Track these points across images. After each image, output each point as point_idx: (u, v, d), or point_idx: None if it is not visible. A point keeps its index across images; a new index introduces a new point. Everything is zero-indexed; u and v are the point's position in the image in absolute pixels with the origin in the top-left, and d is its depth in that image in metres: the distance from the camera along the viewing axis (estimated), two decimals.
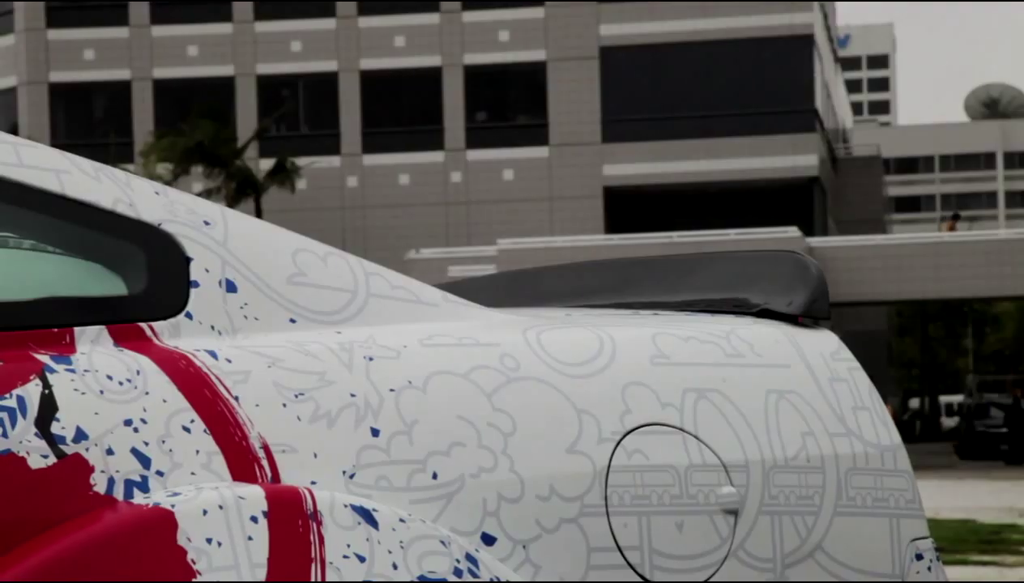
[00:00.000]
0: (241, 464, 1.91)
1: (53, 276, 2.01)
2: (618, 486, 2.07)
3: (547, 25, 46.26)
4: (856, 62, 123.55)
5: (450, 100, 46.85)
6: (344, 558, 1.87)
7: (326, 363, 2.02)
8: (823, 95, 49.33)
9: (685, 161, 45.65)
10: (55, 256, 2.02)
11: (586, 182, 46.03)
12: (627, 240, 39.92)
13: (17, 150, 2.01)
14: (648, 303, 2.51)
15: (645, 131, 45.76)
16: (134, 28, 47.19)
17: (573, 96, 46.17)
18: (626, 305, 2.52)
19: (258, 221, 2.15)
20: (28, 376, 1.86)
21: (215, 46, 47.23)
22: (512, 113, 47.39)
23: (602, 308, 2.51)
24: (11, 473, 1.80)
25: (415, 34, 46.72)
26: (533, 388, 2.09)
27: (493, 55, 46.63)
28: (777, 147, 45.35)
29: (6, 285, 1.96)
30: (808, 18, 45.84)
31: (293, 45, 47.14)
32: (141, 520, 1.81)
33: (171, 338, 1.99)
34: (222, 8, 47.17)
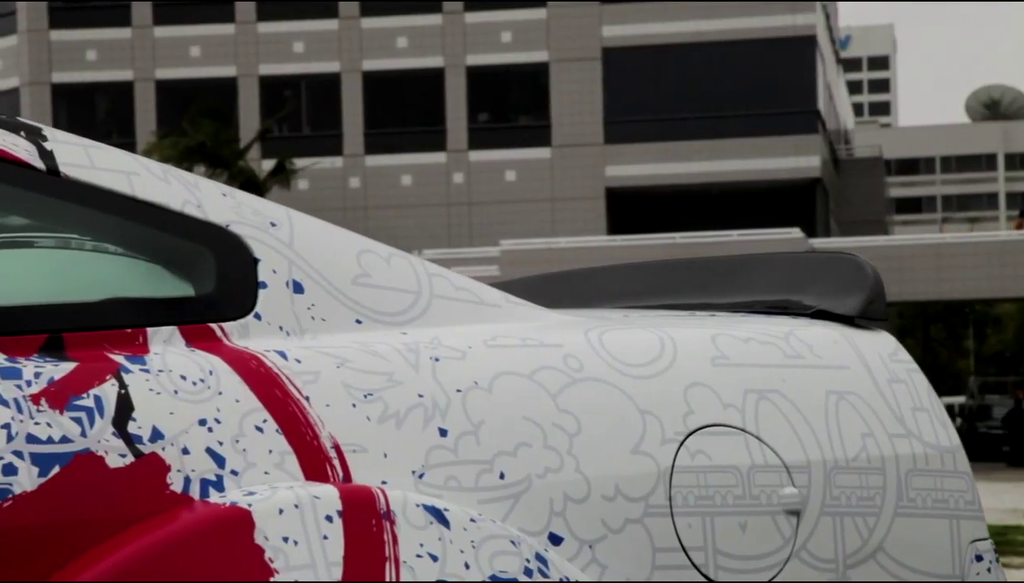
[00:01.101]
0: (313, 464, 1.92)
1: (124, 277, 2.03)
2: (682, 486, 2.09)
3: (549, 26, 46.27)
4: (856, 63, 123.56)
5: (452, 101, 46.86)
6: (417, 557, 1.89)
7: (393, 364, 2.03)
8: (825, 96, 49.34)
9: (687, 162, 45.66)
10: (125, 257, 2.04)
11: (588, 183, 46.04)
12: (629, 241, 39.92)
13: (88, 152, 2.02)
14: (700, 304, 2.52)
15: (647, 132, 45.77)
16: (136, 29, 47.19)
17: (575, 97, 46.18)
18: (678, 306, 2.53)
19: (322, 222, 2.17)
20: (104, 376, 1.88)
21: (217, 47, 47.24)
22: (514, 114, 47.40)
23: (655, 309, 2.52)
24: (90, 472, 1.81)
25: (417, 35, 46.73)
26: (596, 389, 2.10)
27: (495, 56, 46.64)
28: (779, 148, 45.36)
29: (79, 286, 1.98)
30: (810, 19, 45.86)
31: (295, 46, 47.15)
32: (219, 519, 1.83)
33: (241, 339, 2.00)
34: (224, 9, 47.17)
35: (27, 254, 2.01)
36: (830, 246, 39.99)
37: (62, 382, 1.85)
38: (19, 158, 1.96)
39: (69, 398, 1.84)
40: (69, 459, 1.81)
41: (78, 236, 2.02)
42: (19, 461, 1.78)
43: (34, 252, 2.01)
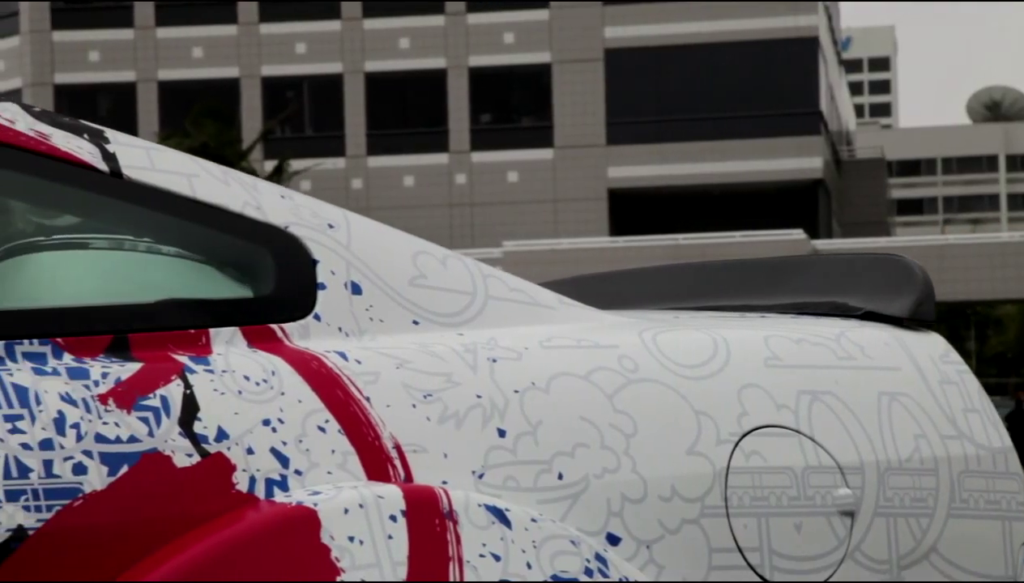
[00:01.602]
0: (375, 464, 1.94)
1: (185, 278, 2.04)
2: (737, 487, 2.10)
3: (552, 27, 46.30)
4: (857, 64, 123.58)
5: (455, 102, 46.89)
6: (480, 557, 1.90)
7: (452, 364, 2.04)
8: (827, 97, 49.37)
9: (690, 163, 45.69)
10: (186, 259, 2.05)
11: (591, 184, 46.07)
12: (632, 242, 39.94)
13: (149, 154, 2.04)
14: (745, 306, 2.53)
15: (650, 133, 45.80)
16: (139, 30, 47.22)
17: (578, 98, 46.21)
18: (723, 308, 2.55)
19: (379, 224, 2.18)
20: (170, 376, 1.89)
21: (220, 47, 47.27)
22: (517, 115, 47.43)
23: (700, 311, 2.53)
24: (158, 471, 1.83)
25: (420, 36, 46.76)
26: (652, 390, 2.11)
27: (498, 57, 46.66)
28: (782, 149, 45.39)
29: (142, 287, 2.00)
30: (813, 20, 45.88)
31: (298, 47, 47.18)
32: (286, 518, 1.84)
33: (301, 339, 2.02)
34: (227, 10, 47.21)
35: (90, 255, 2.03)
36: (832, 247, 40.01)
37: (129, 382, 1.87)
38: (83, 161, 1.98)
39: (136, 398, 1.86)
40: (137, 458, 1.82)
41: (139, 238, 2.03)
42: (89, 460, 1.80)
43: (97, 254, 2.03)
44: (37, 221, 2.04)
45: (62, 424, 1.81)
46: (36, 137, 1.96)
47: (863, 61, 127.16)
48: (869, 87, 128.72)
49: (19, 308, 1.92)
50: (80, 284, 2.00)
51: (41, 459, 1.78)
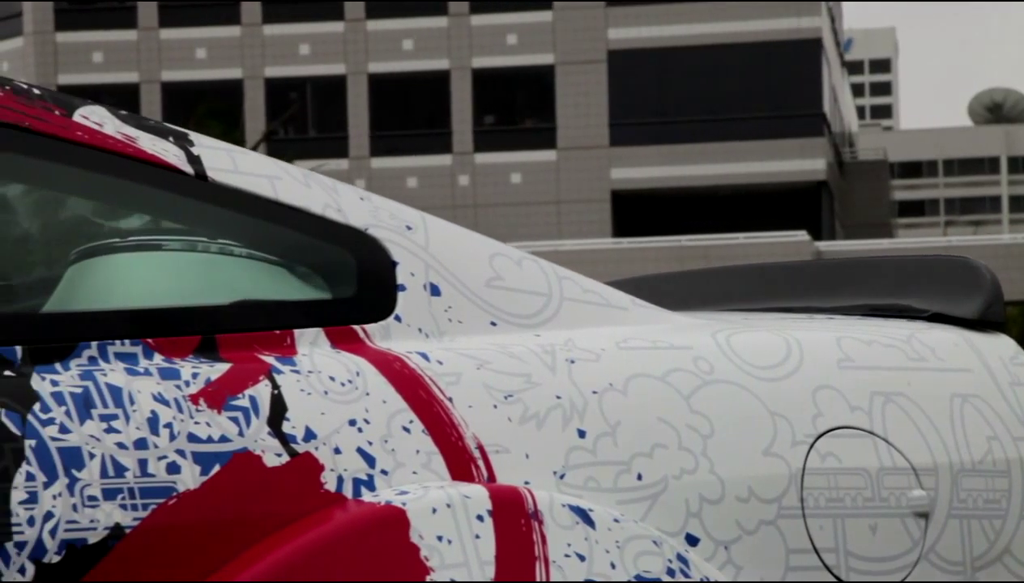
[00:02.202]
0: (459, 464, 1.95)
1: (268, 280, 2.06)
2: (813, 489, 2.11)
3: (555, 28, 46.33)
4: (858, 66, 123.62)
5: (458, 103, 46.92)
6: (565, 557, 1.92)
7: (531, 365, 2.06)
8: (830, 99, 49.40)
9: (693, 165, 45.73)
10: (268, 260, 2.07)
11: (594, 185, 46.10)
12: (635, 244, 39.99)
13: (232, 156, 2.05)
14: (807, 308, 2.55)
15: (653, 134, 45.84)
16: (142, 31, 47.25)
17: (581, 99, 46.25)
18: (785, 309, 2.56)
19: (455, 226, 2.19)
20: (258, 377, 1.91)
21: (223, 49, 47.30)
22: (520, 116, 47.47)
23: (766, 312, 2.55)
24: (248, 470, 1.85)
25: (423, 37, 46.79)
26: (727, 391, 2.12)
27: (501, 58, 46.70)
28: (785, 151, 45.42)
29: (227, 289, 2.01)
30: (816, 22, 45.92)
31: (301, 48, 47.22)
32: (376, 518, 1.86)
33: (383, 340, 2.03)
34: (230, 11, 47.24)
35: (176, 257, 2.04)
36: (836, 249, 40.02)
37: (218, 383, 1.89)
38: (169, 163, 2.00)
39: (226, 398, 1.88)
40: (228, 458, 1.84)
41: (223, 239, 2.05)
42: (182, 460, 1.82)
43: (182, 255, 2.04)
44: (124, 223, 2.06)
45: (155, 424, 1.83)
46: (123, 140, 1.98)
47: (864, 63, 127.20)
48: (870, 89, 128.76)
49: (111, 309, 1.93)
50: (167, 285, 2.02)
51: (136, 458, 1.80)
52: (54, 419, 1.79)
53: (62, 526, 1.75)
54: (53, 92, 1.99)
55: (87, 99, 2.01)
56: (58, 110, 1.96)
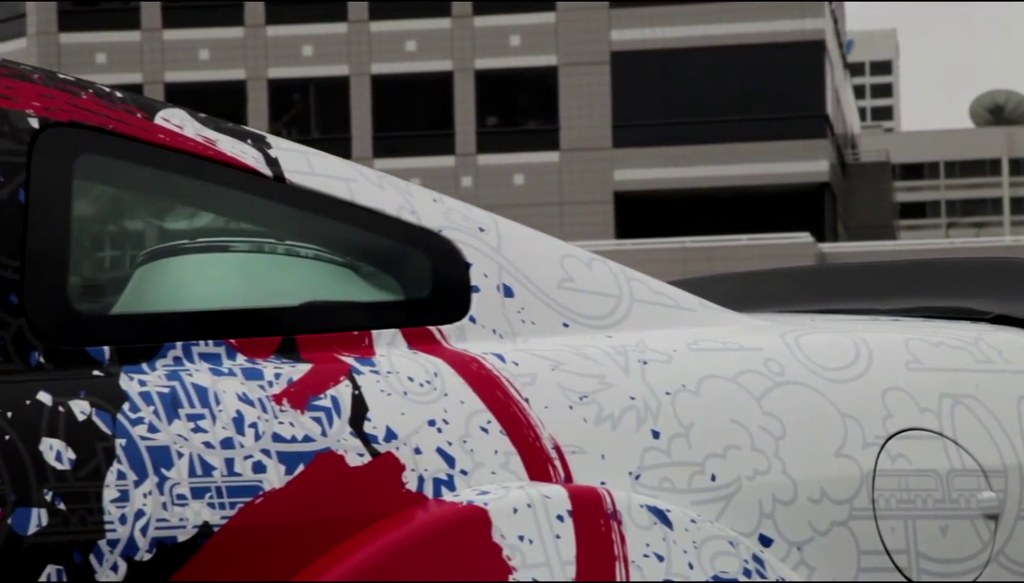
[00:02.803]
0: (536, 464, 1.97)
1: (345, 281, 2.07)
2: (884, 490, 2.13)
3: (558, 30, 46.33)
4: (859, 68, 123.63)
5: (461, 105, 46.91)
6: (644, 557, 1.93)
7: (605, 366, 2.07)
8: (833, 100, 49.41)
9: (696, 166, 45.72)
10: (344, 261, 2.08)
11: (597, 187, 46.09)
12: (638, 245, 39.99)
13: (308, 159, 2.07)
14: (866, 309, 2.56)
15: (656, 136, 45.83)
16: (146, 32, 47.25)
17: (584, 101, 46.24)
18: (845, 311, 2.58)
19: (526, 227, 2.21)
20: (338, 377, 1.93)
21: (227, 49, 47.30)
22: (523, 118, 47.46)
23: (826, 314, 2.56)
24: (332, 470, 1.87)
25: (426, 38, 46.78)
26: (798, 392, 2.14)
27: (504, 60, 46.69)
28: (788, 152, 45.42)
29: (305, 290, 2.03)
30: (819, 24, 45.92)
31: (304, 49, 47.21)
32: (459, 517, 1.87)
33: (458, 341, 2.05)
34: (233, 12, 47.24)
35: (254, 259, 2.06)
36: (839, 251, 40.05)
37: (300, 383, 1.91)
38: (248, 165, 2.01)
39: (308, 398, 1.89)
40: (312, 458, 1.86)
41: (301, 241, 2.07)
42: (267, 459, 1.84)
43: (261, 257, 2.06)
44: (203, 224, 2.07)
45: (241, 423, 1.85)
46: (204, 143, 2.00)
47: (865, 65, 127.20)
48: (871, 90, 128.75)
49: (195, 310, 1.95)
50: (247, 286, 2.04)
51: (223, 457, 1.82)
52: (143, 418, 1.81)
53: (153, 524, 1.77)
54: (135, 95, 2.01)
55: (168, 102, 2.02)
56: (140, 113, 1.98)
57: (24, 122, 1.89)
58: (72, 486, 1.75)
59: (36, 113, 1.91)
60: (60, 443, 1.76)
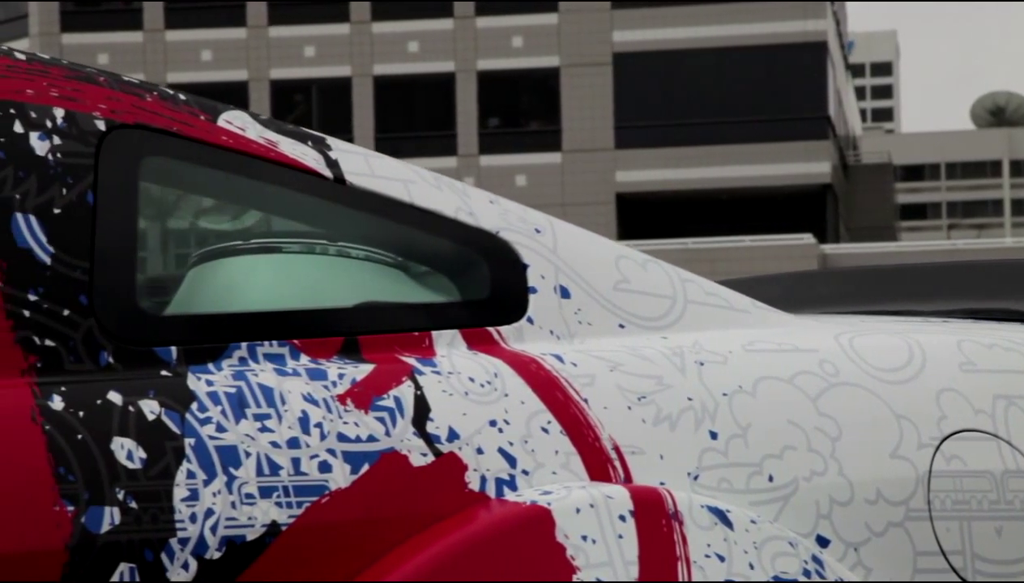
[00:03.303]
0: (596, 465, 1.98)
1: (405, 282, 2.09)
2: (940, 491, 2.14)
3: (561, 31, 46.34)
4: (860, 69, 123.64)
5: (463, 106, 46.92)
6: (706, 557, 1.94)
7: (662, 367, 2.09)
8: (835, 102, 49.42)
9: (698, 167, 45.73)
10: (403, 262, 2.10)
11: (599, 188, 46.10)
12: (641, 246, 39.98)
13: (368, 160, 2.08)
14: (914, 311, 2.58)
15: (658, 137, 45.84)
16: (148, 32, 47.27)
17: (586, 102, 46.25)
18: (889, 312, 2.59)
19: (581, 229, 2.22)
20: (401, 378, 1.94)
21: (229, 50, 47.32)
22: (525, 119, 47.47)
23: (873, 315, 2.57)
24: (396, 470, 1.88)
25: (429, 40, 46.79)
26: (853, 393, 2.15)
27: (507, 61, 46.70)
28: (791, 154, 45.43)
29: (365, 290, 2.04)
30: (822, 25, 45.94)
31: (306, 50, 47.23)
32: (523, 517, 1.88)
33: (516, 342, 2.06)
34: (236, 13, 47.25)
35: (316, 260, 2.07)
36: (842, 252, 40.07)
37: (364, 383, 1.92)
38: (309, 167, 2.02)
39: (372, 399, 1.90)
40: (376, 458, 1.87)
41: (361, 242, 2.08)
42: (333, 459, 1.85)
43: (322, 258, 2.07)
44: (264, 225, 2.09)
45: (306, 423, 1.86)
46: (266, 144, 2.01)
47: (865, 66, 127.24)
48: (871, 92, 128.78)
49: (259, 311, 1.96)
50: (308, 287, 2.05)
51: (289, 457, 1.83)
52: (211, 418, 1.82)
53: (222, 523, 1.78)
54: (198, 97, 2.02)
55: (229, 104, 2.04)
56: (203, 115, 1.99)
57: (91, 124, 1.91)
58: (143, 485, 1.76)
59: (103, 115, 1.92)
60: (131, 442, 1.78)
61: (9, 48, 1.93)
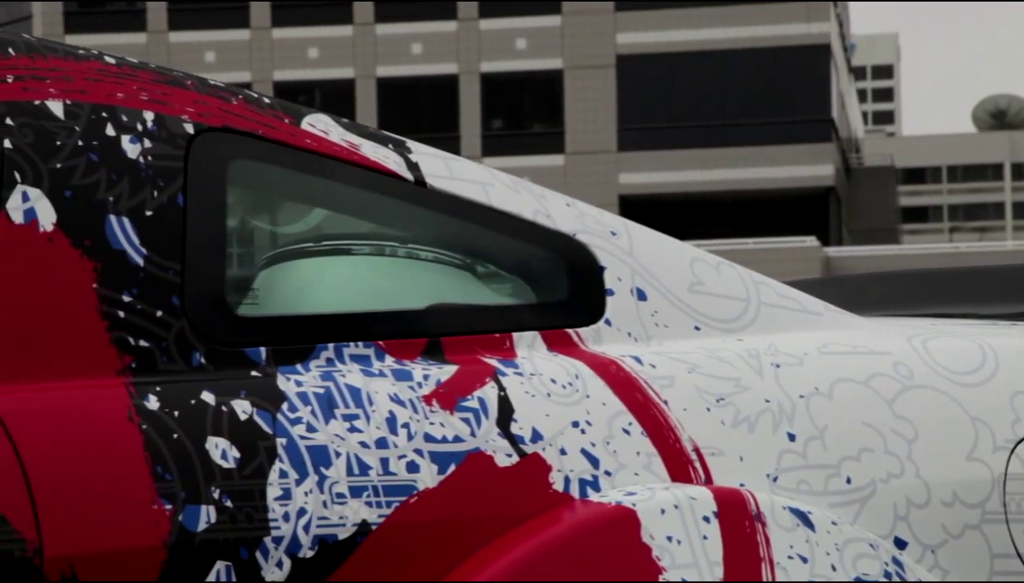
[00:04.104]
0: (677, 466, 1.99)
1: (484, 284, 2.10)
2: (1016, 494, 2.15)
3: (564, 33, 46.36)
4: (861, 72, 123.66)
5: (466, 108, 46.95)
6: (789, 559, 1.95)
7: (739, 369, 2.10)
8: (839, 105, 49.45)
9: (701, 170, 45.75)
10: (483, 264, 2.11)
11: (602, 190, 46.10)
12: None
13: (447, 163, 2.10)
14: (968, 314, 2.58)
15: (661, 140, 45.86)
16: (152, 34, 47.30)
17: (589, 104, 46.27)
18: (948, 315, 2.60)
19: (655, 231, 2.23)
20: (484, 379, 1.95)
21: (232, 52, 47.34)
22: (528, 121, 47.49)
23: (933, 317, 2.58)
24: (482, 470, 1.89)
25: (432, 41, 46.82)
26: (928, 396, 2.16)
27: (510, 63, 46.72)
28: (794, 157, 45.45)
29: (444, 292, 2.05)
30: (825, 27, 45.96)
31: (310, 52, 47.25)
32: (609, 518, 1.90)
33: (595, 344, 2.07)
34: (239, 14, 47.29)
35: (397, 262, 2.08)
36: (846, 255, 40.09)
37: (448, 384, 1.93)
38: (391, 170, 2.04)
39: (457, 399, 1.92)
40: (463, 458, 1.88)
41: (440, 244, 2.09)
42: (420, 459, 1.86)
43: (403, 260, 2.09)
44: (348, 228, 2.10)
45: (394, 424, 1.87)
46: (348, 147, 2.02)
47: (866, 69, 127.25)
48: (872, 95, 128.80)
49: (344, 312, 1.97)
50: (391, 289, 2.06)
51: (378, 457, 1.85)
52: (301, 418, 1.84)
53: (314, 522, 1.80)
54: (282, 101, 2.03)
55: (311, 108, 2.05)
56: (287, 118, 2.00)
57: (180, 127, 1.92)
58: (238, 484, 1.78)
59: (191, 118, 1.94)
60: (225, 442, 1.79)
61: (99, 52, 1.94)
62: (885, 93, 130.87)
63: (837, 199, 48.59)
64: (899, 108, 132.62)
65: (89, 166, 1.84)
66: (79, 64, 1.90)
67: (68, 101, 1.86)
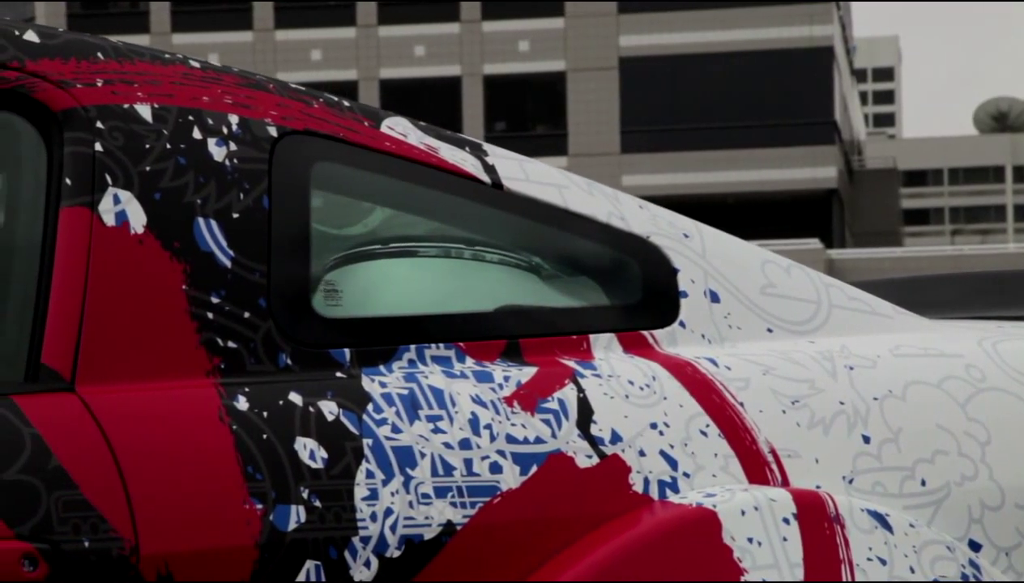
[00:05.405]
0: (754, 468, 2.00)
1: (560, 286, 2.10)
2: None
3: (567, 35, 46.39)
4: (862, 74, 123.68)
5: (469, 110, 46.96)
6: (868, 560, 1.96)
7: (813, 372, 2.11)
8: (841, 107, 49.47)
9: (704, 172, 45.78)
10: (559, 266, 2.12)
11: None
12: None
13: (523, 166, 2.10)
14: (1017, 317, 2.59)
15: (664, 142, 45.88)
16: (155, 36, 47.32)
17: (592, 106, 46.29)
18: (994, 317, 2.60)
19: (726, 234, 2.24)
20: (563, 380, 1.96)
21: (236, 54, 47.35)
22: (531, 123, 47.51)
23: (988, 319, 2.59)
24: (563, 471, 1.90)
25: (435, 43, 46.84)
26: (1001, 398, 2.17)
27: (513, 65, 46.75)
28: (797, 159, 45.47)
29: (523, 294, 2.06)
30: (828, 30, 45.99)
31: (313, 53, 47.28)
32: (690, 519, 1.91)
33: (669, 346, 2.08)
34: (243, 16, 47.31)
35: (476, 264, 2.09)
36: (848, 258, 40.10)
37: (528, 385, 1.94)
38: (468, 173, 2.05)
39: (537, 401, 1.93)
40: (544, 459, 1.89)
41: (517, 246, 2.10)
42: (503, 460, 1.87)
43: (482, 262, 2.10)
44: (427, 230, 2.11)
45: (476, 425, 1.88)
46: (426, 150, 2.03)
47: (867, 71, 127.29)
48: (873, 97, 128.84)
49: (425, 314, 1.98)
50: (469, 290, 2.07)
51: (462, 458, 1.86)
52: (386, 419, 1.85)
53: (401, 522, 1.81)
54: (361, 104, 2.04)
55: (390, 111, 2.06)
56: (367, 121, 2.01)
57: (264, 131, 1.93)
58: (326, 484, 1.79)
59: (274, 122, 1.95)
60: (313, 442, 1.80)
61: (184, 56, 1.95)
62: (886, 96, 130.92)
63: (840, 201, 48.61)
64: (900, 111, 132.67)
65: (177, 169, 1.85)
66: (165, 68, 1.92)
67: (156, 105, 1.87)
